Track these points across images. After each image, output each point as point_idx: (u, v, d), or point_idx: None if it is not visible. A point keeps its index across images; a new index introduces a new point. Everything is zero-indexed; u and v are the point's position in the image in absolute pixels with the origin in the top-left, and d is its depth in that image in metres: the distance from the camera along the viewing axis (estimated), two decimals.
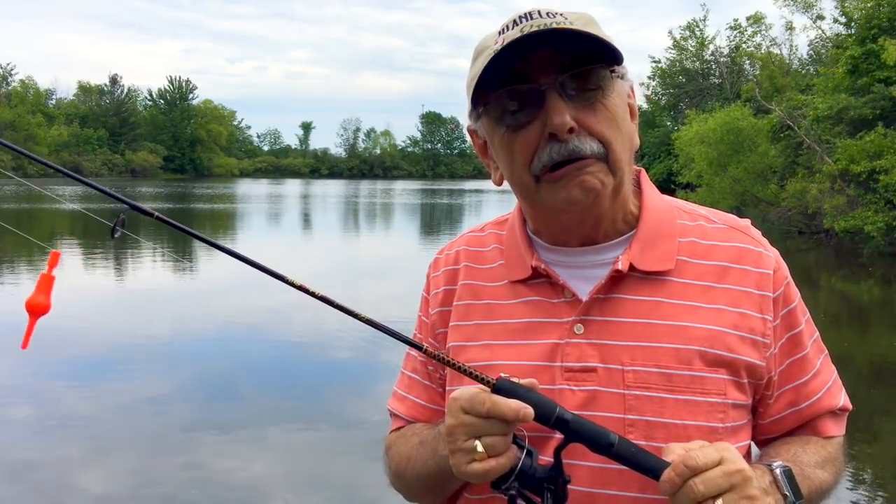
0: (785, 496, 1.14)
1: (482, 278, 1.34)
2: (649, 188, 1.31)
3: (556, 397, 1.18)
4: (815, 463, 1.25)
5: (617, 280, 1.22)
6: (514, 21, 1.17)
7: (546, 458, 1.13)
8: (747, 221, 1.33)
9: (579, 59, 1.14)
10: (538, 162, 1.16)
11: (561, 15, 1.16)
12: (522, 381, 1.08)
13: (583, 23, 1.15)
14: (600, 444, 1.06)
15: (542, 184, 1.17)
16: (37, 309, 1.17)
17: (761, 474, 1.14)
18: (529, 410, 1.04)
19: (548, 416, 1.06)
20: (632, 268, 1.22)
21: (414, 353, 1.42)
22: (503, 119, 1.18)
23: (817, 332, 1.33)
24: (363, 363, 8.46)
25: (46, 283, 1.18)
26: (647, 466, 1.06)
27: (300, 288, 1.14)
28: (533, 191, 1.19)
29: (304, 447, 6.18)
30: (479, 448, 1.05)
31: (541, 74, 1.13)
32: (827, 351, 1.36)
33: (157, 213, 1.20)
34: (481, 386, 1.08)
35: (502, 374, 1.08)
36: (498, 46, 1.14)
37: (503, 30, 1.18)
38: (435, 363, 1.36)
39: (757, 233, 1.31)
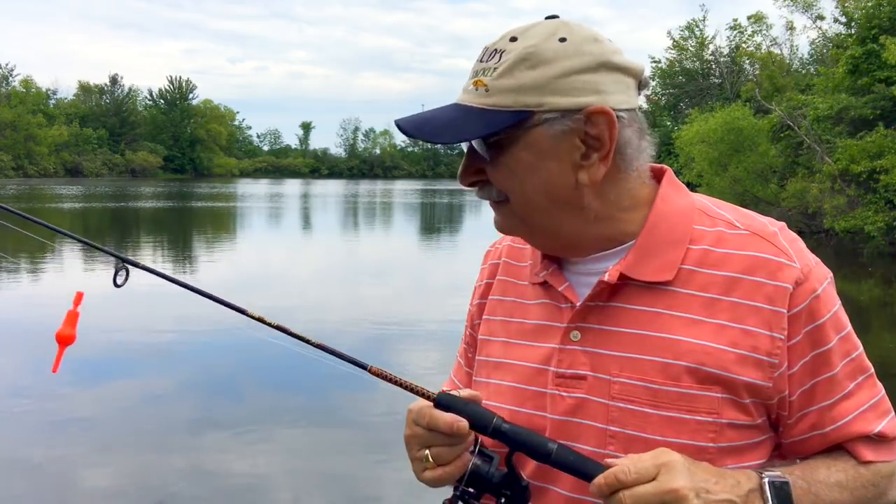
0: None
1: (514, 275, 1.37)
2: (669, 190, 1.26)
3: (546, 402, 1.21)
4: (834, 481, 1.17)
5: (617, 288, 1.20)
6: (480, 55, 1.20)
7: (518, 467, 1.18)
8: (779, 227, 1.23)
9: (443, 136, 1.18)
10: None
11: (500, 54, 1.15)
12: (463, 394, 1.16)
13: (510, 64, 1.13)
14: (538, 452, 1.12)
15: None
16: (65, 340, 1.39)
17: (745, 480, 1.10)
18: (463, 423, 1.12)
19: (485, 427, 1.13)
20: (625, 277, 1.19)
21: (465, 337, 1.49)
22: None
23: (857, 351, 1.22)
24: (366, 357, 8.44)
25: (73, 318, 1.40)
26: (585, 473, 1.08)
27: (259, 319, 1.30)
28: None
29: (305, 445, 6.19)
30: (429, 458, 1.15)
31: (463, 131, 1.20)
32: (871, 371, 1.23)
33: (142, 265, 1.43)
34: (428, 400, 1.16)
35: (444, 388, 1.16)
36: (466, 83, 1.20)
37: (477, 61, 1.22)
38: (474, 348, 1.43)
39: (787, 240, 1.20)
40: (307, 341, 1.24)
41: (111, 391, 7.63)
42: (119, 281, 1.40)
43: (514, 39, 1.15)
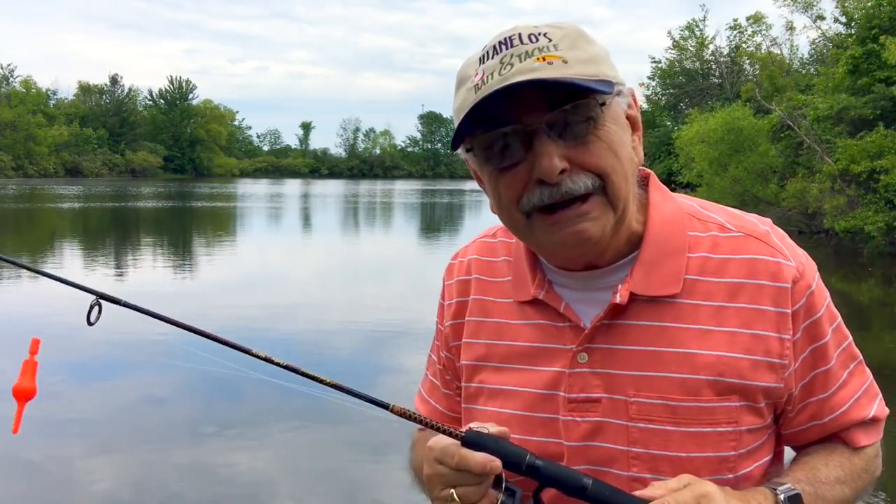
0: None
1: (492, 293, 1.29)
2: (658, 196, 1.23)
3: (560, 428, 1.16)
4: (834, 478, 1.19)
5: (622, 306, 1.16)
6: (495, 48, 1.09)
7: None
8: (768, 225, 1.22)
9: (562, 86, 1.05)
10: (527, 202, 1.10)
11: (545, 36, 1.07)
12: (492, 430, 1.08)
13: (569, 42, 1.08)
14: (573, 487, 1.07)
15: (533, 221, 1.11)
16: (24, 394, 1.21)
17: (764, 499, 1.11)
18: (497, 463, 1.05)
19: (518, 465, 1.07)
20: (634, 295, 1.15)
21: (434, 356, 1.41)
22: (489, 160, 1.11)
23: (848, 340, 1.24)
24: (365, 361, 8.46)
25: (30, 369, 1.22)
26: None
27: (265, 359, 1.20)
28: (524, 227, 1.14)
29: (305, 445, 6.18)
30: (455, 497, 1.07)
31: (525, 113, 1.06)
32: (860, 357, 1.26)
33: (123, 301, 1.28)
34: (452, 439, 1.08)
35: (472, 426, 1.08)
36: (478, 80, 1.07)
37: (484, 57, 1.10)
38: (452, 372, 1.35)
39: (778, 238, 1.20)
40: (321, 381, 1.14)
41: (111, 392, 7.62)
42: (92, 318, 1.26)
43: (534, 37, 1.08)
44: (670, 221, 1.20)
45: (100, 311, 1.25)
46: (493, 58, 1.08)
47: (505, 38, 1.09)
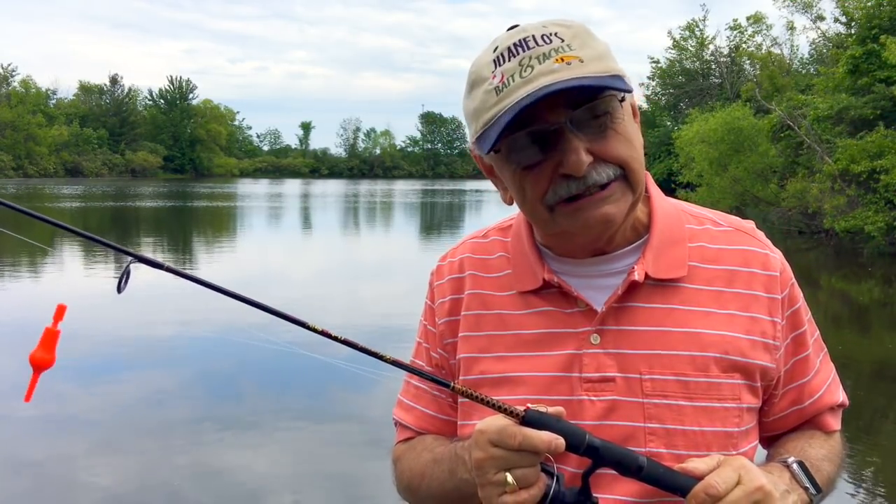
0: (806, 489, 1.18)
1: (490, 287, 1.32)
2: (656, 192, 1.31)
3: (575, 408, 1.19)
4: (821, 457, 1.28)
5: (631, 288, 1.22)
6: (510, 50, 1.12)
7: (573, 469, 1.13)
8: (752, 223, 1.33)
9: (587, 88, 1.10)
10: (553, 195, 1.15)
11: (556, 36, 1.12)
12: (550, 410, 1.06)
13: (580, 41, 1.13)
14: (630, 467, 1.07)
15: (557, 212, 1.17)
16: (41, 364, 1.18)
17: (780, 472, 1.18)
18: (561, 442, 1.03)
19: (578, 444, 1.05)
20: (646, 276, 1.22)
21: (419, 361, 1.40)
22: (513, 158, 1.16)
23: (818, 331, 1.35)
24: (365, 360, 8.43)
25: (51, 338, 1.19)
26: (675, 486, 1.06)
27: (322, 333, 1.17)
28: (547, 219, 1.19)
29: (306, 444, 6.19)
30: (510, 480, 1.04)
31: (549, 112, 1.10)
32: (826, 349, 1.37)
33: (166, 265, 1.21)
34: (509, 417, 1.06)
35: (529, 405, 1.06)
36: (497, 83, 1.12)
37: (499, 59, 1.13)
38: (444, 372, 1.35)
39: (762, 234, 1.32)
40: (381, 357, 1.12)
41: (112, 390, 7.63)
42: (122, 285, 1.24)
43: (546, 38, 1.12)
44: (671, 214, 1.29)
45: (128, 279, 1.24)
46: (510, 60, 1.12)
47: (519, 40, 1.13)
